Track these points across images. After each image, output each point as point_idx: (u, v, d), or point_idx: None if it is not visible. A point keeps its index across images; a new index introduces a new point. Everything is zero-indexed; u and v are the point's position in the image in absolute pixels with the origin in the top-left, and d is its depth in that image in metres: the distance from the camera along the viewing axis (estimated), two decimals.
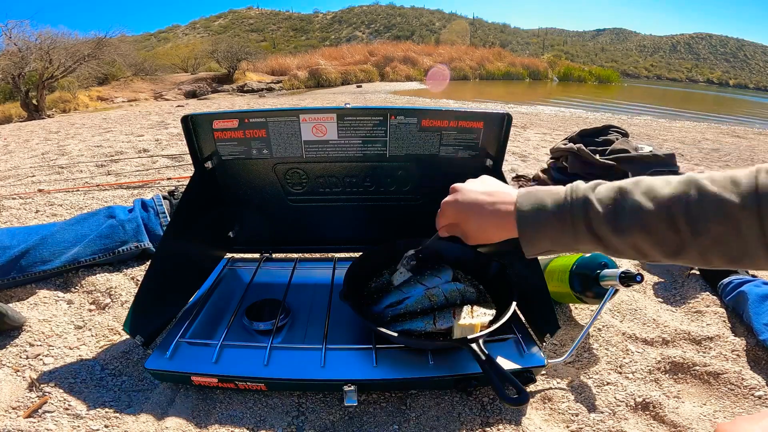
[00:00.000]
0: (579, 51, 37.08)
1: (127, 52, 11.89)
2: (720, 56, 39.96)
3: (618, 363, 0.91)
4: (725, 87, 30.50)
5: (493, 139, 0.98)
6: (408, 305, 0.88)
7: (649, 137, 4.24)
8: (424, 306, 0.87)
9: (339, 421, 0.77)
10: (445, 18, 39.28)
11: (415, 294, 0.90)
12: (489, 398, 0.81)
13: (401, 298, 0.90)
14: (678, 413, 0.77)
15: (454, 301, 0.89)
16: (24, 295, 1.12)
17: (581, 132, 1.86)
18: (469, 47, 24.23)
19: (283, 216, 1.16)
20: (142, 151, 2.93)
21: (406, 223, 1.15)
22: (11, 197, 1.94)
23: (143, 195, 1.97)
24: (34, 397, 0.79)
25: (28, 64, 8.36)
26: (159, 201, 1.40)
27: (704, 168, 2.89)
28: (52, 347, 0.93)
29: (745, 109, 11.46)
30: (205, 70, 14.76)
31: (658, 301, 1.18)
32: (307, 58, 17.28)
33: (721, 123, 6.62)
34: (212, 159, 1.01)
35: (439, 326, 0.82)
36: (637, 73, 34.18)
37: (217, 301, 1.03)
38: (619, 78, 23.19)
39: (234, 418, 0.76)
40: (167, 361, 0.81)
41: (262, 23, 37.11)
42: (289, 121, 0.96)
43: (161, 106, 7.70)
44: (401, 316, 0.87)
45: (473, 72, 18.82)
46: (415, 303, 0.88)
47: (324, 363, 0.81)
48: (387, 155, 1.02)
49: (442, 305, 0.88)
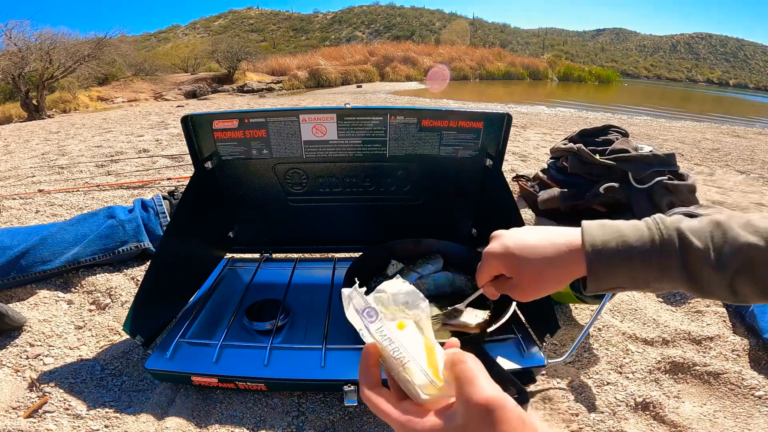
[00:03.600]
0: (579, 51, 37.08)
1: (127, 52, 11.88)
2: (720, 56, 39.97)
3: (618, 363, 0.91)
4: (725, 87, 30.51)
5: (493, 139, 0.98)
6: None
7: (649, 137, 4.24)
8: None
9: (339, 421, 0.77)
10: (445, 18, 39.29)
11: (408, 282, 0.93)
12: None
13: None
14: (678, 413, 0.77)
15: (443, 289, 0.92)
16: (24, 295, 1.12)
17: (581, 132, 1.86)
18: (469, 47, 24.23)
19: (283, 216, 1.16)
20: (142, 152, 2.93)
21: (407, 223, 1.16)
22: (11, 197, 1.94)
23: (143, 195, 1.97)
24: (34, 397, 0.79)
25: (28, 64, 8.36)
26: (159, 201, 1.40)
27: (704, 168, 2.89)
28: (52, 347, 0.93)
29: (746, 109, 11.46)
30: (205, 70, 14.76)
31: (658, 301, 1.18)
32: (307, 58, 17.28)
33: (722, 123, 6.62)
34: (212, 159, 1.01)
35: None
36: (637, 73, 34.18)
37: (217, 301, 1.03)
38: (619, 78, 23.19)
39: (234, 418, 0.76)
40: (167, 361, 0.81)
41: (262, 23, 37.12)
42: (289, 121, 0.96)
43: (161, 107, 7.70)
44: None
45: (473, 72, 18.82)
46: None
47: (324, 363, 0.81)
48: (387, 155, 1.02)
49: (432, 293, 0.92)
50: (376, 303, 0.43)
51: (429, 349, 0.36)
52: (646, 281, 0.44)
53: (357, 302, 0.40)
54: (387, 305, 0.43)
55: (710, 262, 0.41)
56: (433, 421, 0.32)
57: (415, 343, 0.36)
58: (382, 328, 0.37)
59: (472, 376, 0.31)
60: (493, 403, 0.29)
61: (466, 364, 0.32)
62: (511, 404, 0.30)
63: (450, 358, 0.34)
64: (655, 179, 1.50)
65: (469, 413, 0.30)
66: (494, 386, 0.31)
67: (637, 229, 0.46)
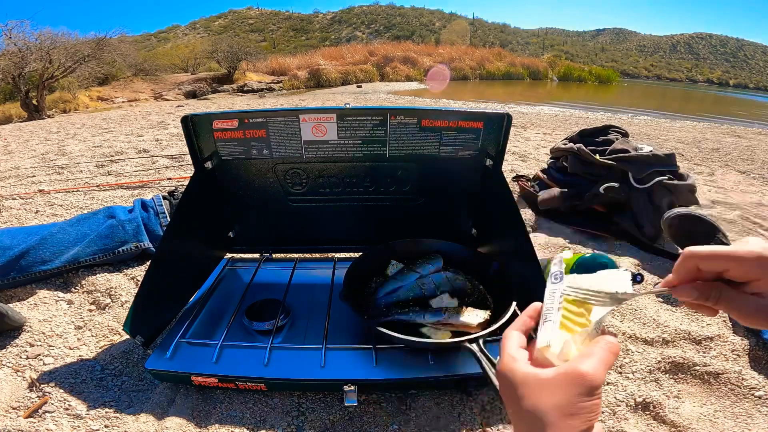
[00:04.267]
0: (579, 51, 37.05)
1: (127, 52, 11.87)
2: (720, 56, 39.95)
3: (618, 363, 0.91)
4: (725, 87, 30.51)
5: (493, 139, 0.98)
6: (399, 294, 0.92)
7: (649, 137, 4.24)
8: (416, 294, 0.91)
9: (339, 421, 0.77)
10: (445, 18, 39.26)
11: (408, 283, 0.94)
12: (489, 398, 0.81)
13: (395, 287, 0.94)
14: (678, 413, 0.77)
15: (444, 289, 0.92)
16: (24, 295, 1.12)
17: (581, 132, 1.86)
18: (469, 47, 24.21)
19: (283, 216, 1.16)
20: (142, 152, 2.93)
21: (407, 223, 1.16)
22: (11, 197, 1.94)
23: (143, 195, 1.97)
24: (34, 397, 0.79)
25: (28, 64, 8.35)
26: (159, 201, 1.40)
27: (704, 168, 2.89)
28: (53, 347, 0.93)
29: (745, 109, 11.45)
30: (205, 70, 14.76)
31: (658, 300, 1.18)
32: (307, 58, 17.27)
33: (722, 123, 6.62)
34: (212, 159, 1.01)
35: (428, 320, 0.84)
36: (637, 73, 34.16)
37: (217, 301, 1.03)
38: (619, 78, 23.18)
39: (234, 418, 0.76)
40: (167, 361, 0.81)
41: (262, 23, 37.10)
42: (289, 121, 0.96)
43: (161, 106, 7.70)
44: (395, 304, 0.91)
45: (473, 72, 18.81)
46: (406, 292, 0.92)
47: (324, 363, 0.81)
48: (387, 155, 1.02)
49: (432, 294, 0.92)
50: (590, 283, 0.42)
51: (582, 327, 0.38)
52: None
53: (556, 267, 0.44)
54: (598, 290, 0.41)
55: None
56: (530, 369, 0.36)
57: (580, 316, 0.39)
58: (555, 289, 0.41)
59: (600, 353, 0.34)
60: (588, 378, 0.32)
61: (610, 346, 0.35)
62: (591, 386, 0.33)
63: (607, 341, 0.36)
64: (655, 179, 1.50)
65: (561, 374, 0.34)
66: (603, 377, 0.33)
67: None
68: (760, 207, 1.97)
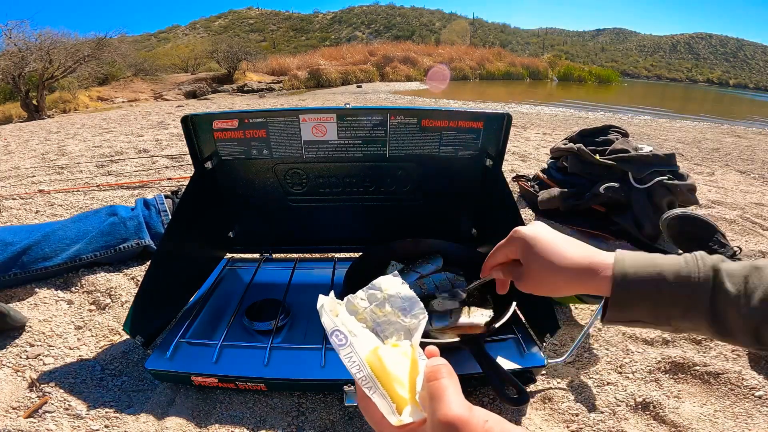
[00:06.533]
0: (579, 51, 37.07)
1: (127, 52, 11.87)
2: (720, 56, 39.93)
3: (618, 363, 0.91)
4: (725, 87, 30.51)
5: (493, 139, 0.98)
6: None
7: (649, 137, 4.24)
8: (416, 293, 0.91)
9: (339, 421, 0.77)
10: (445, 18, 39.28)
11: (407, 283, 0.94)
12: (489, 398, 0.81)
13: None
14: (678, 413, 0.77)
15: (444, 289, 0.92)
16: (24, 295, 1.12)
17: (581, 132, 1.86)
18: (469, 47, 24.21)
19: (283, 216, 1.16)
20: (142, 152, 2.93)
21: (407, 223, 1.16)
22: (11, 197, 1.94)
23: (143, 195, 1.97)
24: (34, 397, 0.79)
25: (28, 65, 8.35)
26: (161, 200, 1.40)
27: (704, 168, 2.89)
28: (53, 347, 0.93)
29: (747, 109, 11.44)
30: (205, 70, 14.75)
31: None
32: (307, 58, 17.26)
33: (722, 123, 6.62)
34: (212, 159, 1.01)
35: (435, 326, 0.82)
36: (637, 73, 34.16)
37: (217, 301, 1.03)
38: (619, 78, 23.18)
39: (234, 418, 0.76)
40: (167, 362, 0.81)
41: (262, 23, 37.12)
42: (289, 121, 0.96)
43: (161, 106, 7.70)
44: None
45: (473, 72, 18.80)
46: None
47: (324, 363, 0.81)
48: (387, 155, 1.02)
49: (432, 294, 0.91)
50: (369, 301, 0.43)
51: (413, 365, 0.36)
52: (669, 318, 0.42)
53: (326, 321, 0.39)
54: (381, 306, 0.43)
55: (738, 306, 0.39)
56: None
57: (399, 365, 0.36)
58: (351, 354, 0.37)
59: (441, 393, 0.32)
60: (456, 421, 0.30)
61: (438, 381, 0.33)
62: (476, 420, 0.31)
63: (426, 375, 0.35)
64: (655, 179, 1.50)
65: (435, 431, 0.31)
66: (462, 403, 0.32)
67: (675, 263, 0.43)
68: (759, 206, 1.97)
